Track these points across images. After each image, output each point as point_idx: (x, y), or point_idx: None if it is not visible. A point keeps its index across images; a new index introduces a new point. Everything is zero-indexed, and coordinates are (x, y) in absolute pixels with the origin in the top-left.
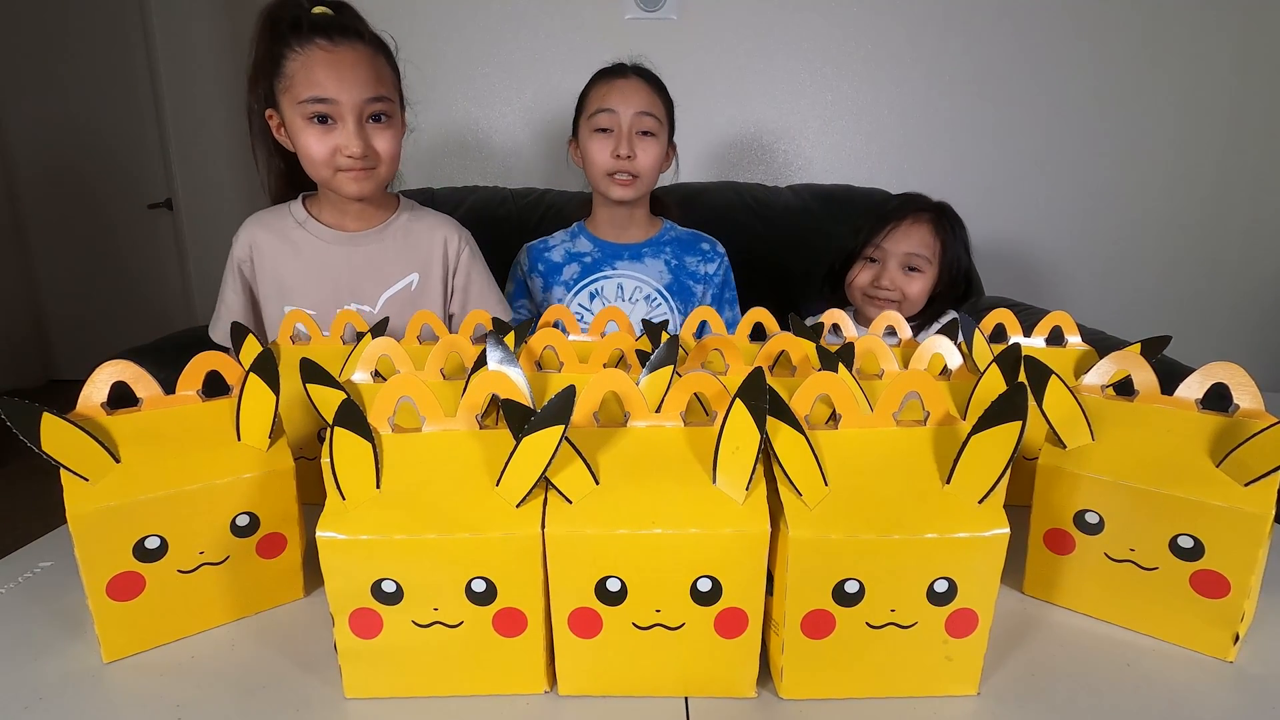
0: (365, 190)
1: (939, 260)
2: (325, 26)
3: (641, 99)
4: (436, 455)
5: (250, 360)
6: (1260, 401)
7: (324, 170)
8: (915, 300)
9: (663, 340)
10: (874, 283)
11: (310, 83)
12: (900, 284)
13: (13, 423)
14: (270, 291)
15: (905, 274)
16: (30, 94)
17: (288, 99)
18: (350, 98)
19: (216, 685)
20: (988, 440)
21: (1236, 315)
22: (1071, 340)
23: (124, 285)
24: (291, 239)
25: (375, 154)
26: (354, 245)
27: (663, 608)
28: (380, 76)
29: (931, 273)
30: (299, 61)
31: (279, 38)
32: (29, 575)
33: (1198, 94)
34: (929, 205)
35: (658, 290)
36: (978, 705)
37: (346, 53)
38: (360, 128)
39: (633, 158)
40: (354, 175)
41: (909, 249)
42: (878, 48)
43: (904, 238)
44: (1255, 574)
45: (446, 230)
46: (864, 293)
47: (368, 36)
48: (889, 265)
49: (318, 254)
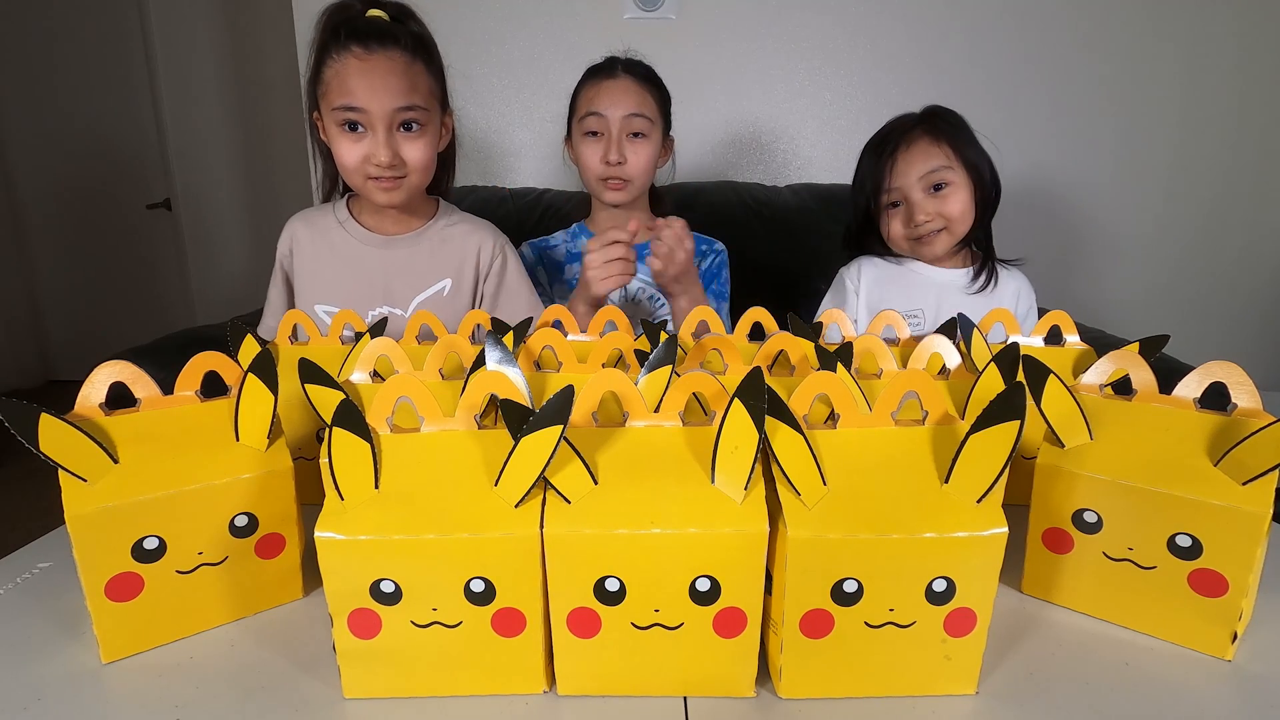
0: (394, 200)
1: (960, 163)
2: (364, 33)
3: (630, 100)
4: (435, 455)
5: (249, 360)
6: (1258, 400)
7: (355, 177)
8: (962, 216)
9: (661, 340)
10: (910, 223)
11: (343, 90)
12: (936, 209)
13: (11, 424)
14: (306, 288)
15: (934, 196)
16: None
17: (325, 104)
18: (380, 106)
19: (215, 685)
20: (986, 439)
21: (1235, 314)
22: (1070, 339)
23: (123, 285)
24: (330, 238)
25: (404, 163)
26: (389, 248)
27: (662, 607)
28: (414, 85)
29: (961, 180)
30: (334, 69)
31: (323, 44)
32: (28, 576)
33: (1198, 94)
34: (915, 118)
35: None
36: (976, 704)
37: (380, 61)
38: (390, 136)
39: (623, 162)
40: (384, 185)
41: (922, 170)
42: (877, 47)
43: (909, 164)
44: (1254, 573)
45: (482, 236)
46: (908, 239)
47: (405, 42)
48: (914, 198)
49: (354, 254)
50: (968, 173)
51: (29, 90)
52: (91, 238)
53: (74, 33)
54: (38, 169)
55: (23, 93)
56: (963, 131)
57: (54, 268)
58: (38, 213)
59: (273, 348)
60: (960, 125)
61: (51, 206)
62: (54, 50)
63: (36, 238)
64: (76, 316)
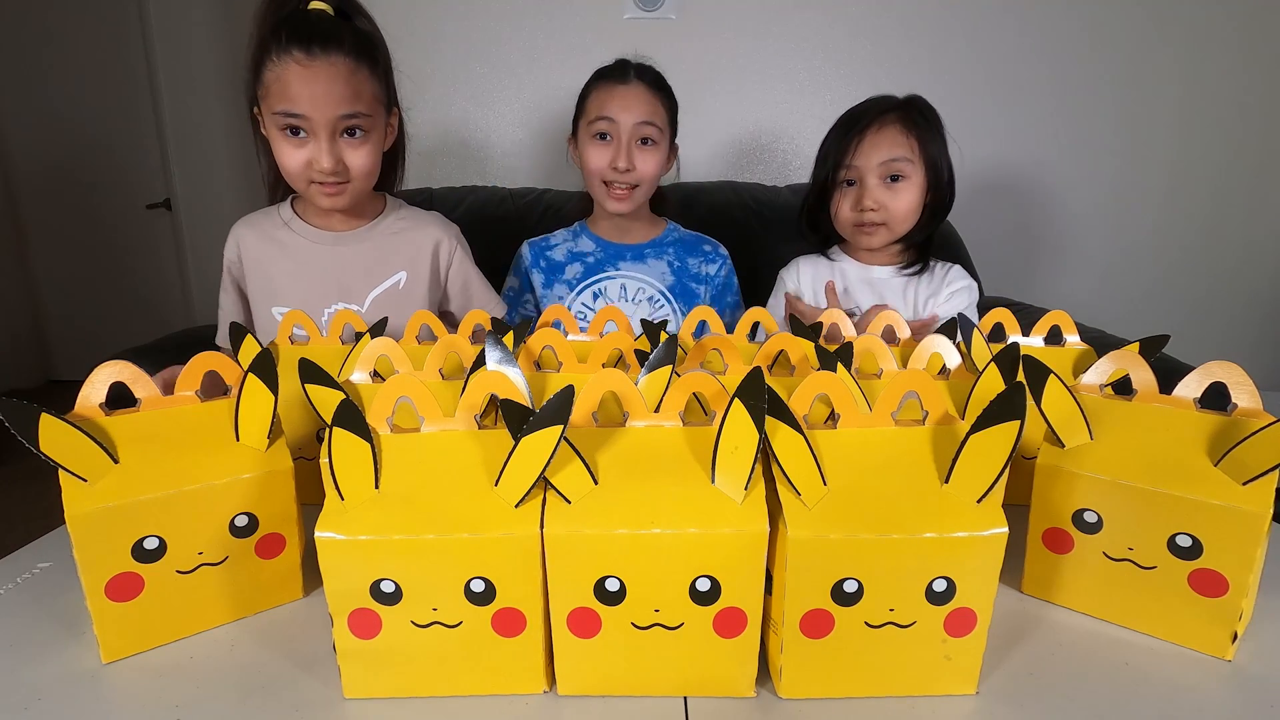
0: (338, 204)
1: (921, 160)
2: (306, 36)
3: (643, 108)
4: (435, 455)
5: (249, 361)
6: (1258, 400)
7: (299, 181)
8: (904, 215)
9: (661, 340)
10: (856, 207)
11: (284, 96)
12: (883, 200)
13: (11, 424)
14: (258, 292)
15: (887, 187)
16: (29, 94)
17: (265, 105)
18: (322, 114)
19: (215, 686)
20: (986, 440)
21: (1235, 314)
22: (1070, 339)
23: (123, 285)
24: (278, 239)
25: (347, 169)
26: (340, 245)
27: (662, 607)
28: (358, 91)
29: (917, 177)
30: (274, 72)
31: (261, 42)
32: (28, 576)
33: (1199, 93)
34: (894, 103)
35: (661, 292)
36: (976, 704)
37: (322, 67)
38: (332, 143)
39: (631, 169)
40: (327, 190)
41: (884, 156)
42: (877, 47)
43: (874, 147)
44: (1253, 573)
45: (436, 230)
46: (851, 223)
47: (349, 46)
48: (868, 183)
49: (304, 254)
50: (926, 172)
51: (29, 90)
52: (91, 238)
53: (74, 32)
54: (38, 168)
55: (23, 92)
56: (935, 130)
57: (54, 268)
58: (38, 213)
59: (273, 348)
60: (935, 123)
61: (51, 206)
62: (53, 50)
63: (36, 238)
64: (76, 316)
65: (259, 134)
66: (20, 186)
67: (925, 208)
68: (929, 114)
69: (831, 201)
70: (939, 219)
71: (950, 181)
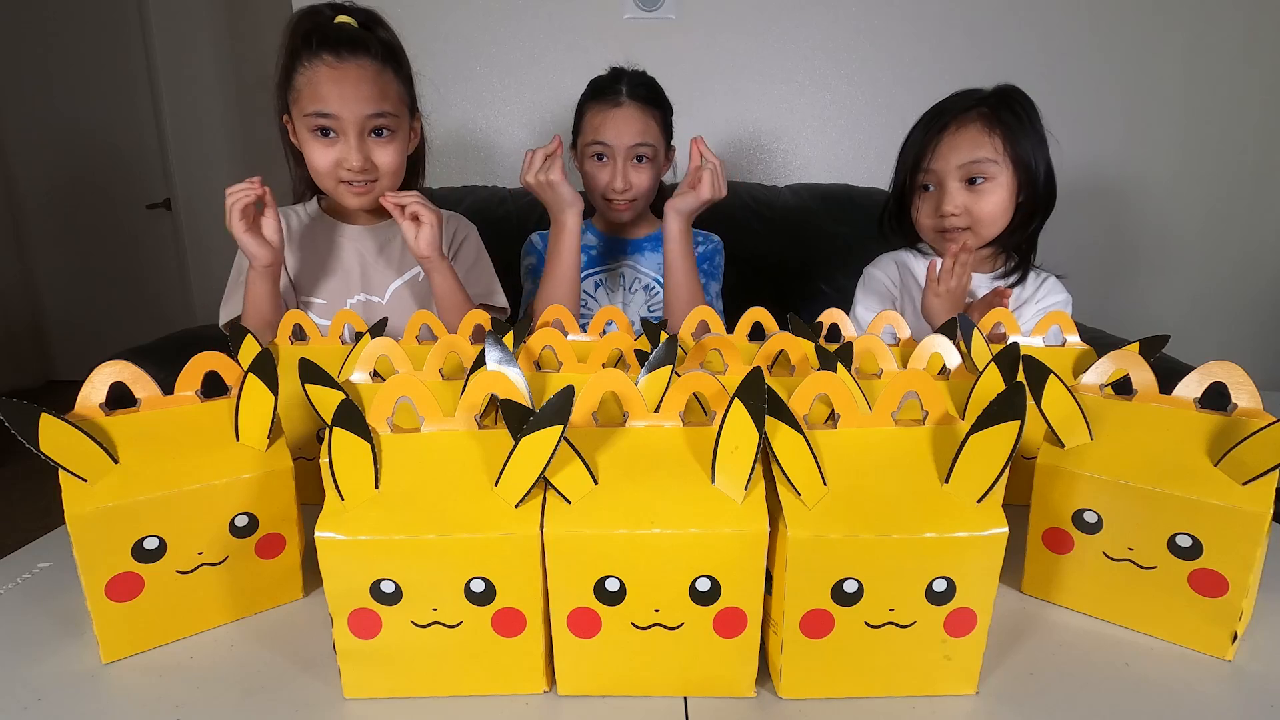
0: (365, 203)
1: (1008, 159)
2: (335, 41)
3: (635, 130)
4: (435, 455)
5: (249, 360)
6: (1258, 400)
7: (327, 181)
8: (991, 219)
9: (661, 340)
10: (937, 213)
11: (315, 97)
12: (965, 204)
13: (11, 423)
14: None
15: (969, 190)
16: (30, 95)
17: (296, 110)
18: (352, 113)
19: (216, 686)
20: (986, 440)
21: (1235, 315)
22: (1070, 339)
23: (123, 285)
24: (305, 231)
25: (375, 168)
26: (363, 238)
27: (662, 607)
28: (384, 92)
29: (1004, 178)
30: (305, 76)
31: (293, 50)
32: (28, 576)
33: (1200, 93)
34: (978, 97)
35: (656, 280)
36: (976, 704)
37: (351, 69)
38: (361, 142)
39: (629, 188)
40: (355, 189)
41: (963, 158)
42: (877, 47)
43: (952, 149)
44: (1254, 573)
45: (453, 223)
46: (933, 229)
47: (375, 51)
48: (948, 186)
49: (329, 246)
50: (1015, 172)
51: (29, 90)
52: (91, 238)
53: (74, 33)
54: (38, 169)
55: (23, 93)
56: (1026, 124)
57: (54, 268)
58: (38, 213)
59: (273, 348)
60: (1026, 117)
61: (52, 207)
62: (54, 50)
63: (37, 238)
64: (76, 316)
65: (289, 143)
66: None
67: (1018, 209)
68: (1019, 107)
69: (911, 206)
70: (1037, 221)
71: (1049, 180)
